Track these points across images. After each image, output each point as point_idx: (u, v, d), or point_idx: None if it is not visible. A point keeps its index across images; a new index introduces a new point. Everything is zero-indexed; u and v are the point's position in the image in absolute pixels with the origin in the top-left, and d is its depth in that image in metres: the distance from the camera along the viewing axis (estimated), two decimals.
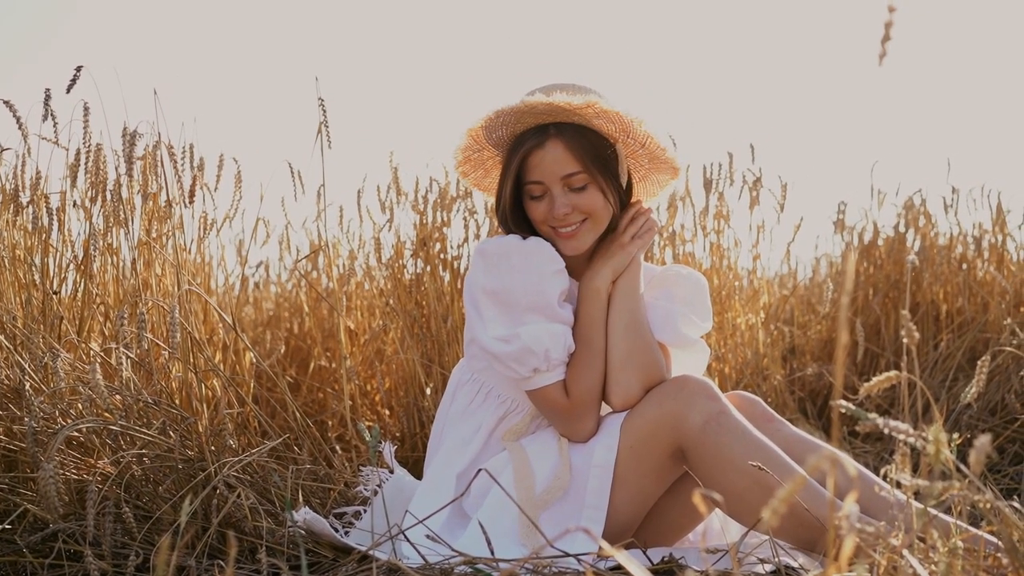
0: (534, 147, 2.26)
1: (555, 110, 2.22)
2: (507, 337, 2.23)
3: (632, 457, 2.19)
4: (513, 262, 2.24)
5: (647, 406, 2.21)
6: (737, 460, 2.09)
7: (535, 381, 2.26)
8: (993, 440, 3.39)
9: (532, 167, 2.27)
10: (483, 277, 2.26)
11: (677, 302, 2.41)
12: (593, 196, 2.28)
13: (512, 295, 2.23)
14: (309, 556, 2.22)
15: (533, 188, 2.28)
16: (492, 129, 2.31)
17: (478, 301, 2.27)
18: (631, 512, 2.22)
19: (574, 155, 2.25)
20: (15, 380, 2.32)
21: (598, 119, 2.25)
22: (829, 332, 4.39)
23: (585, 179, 2.26)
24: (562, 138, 2.25)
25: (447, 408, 2.46)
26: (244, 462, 2.29)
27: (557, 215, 2.26)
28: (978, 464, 1.20)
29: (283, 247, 4.37)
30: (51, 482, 1.95)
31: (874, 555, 1.58)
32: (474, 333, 2.27)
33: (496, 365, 2.27)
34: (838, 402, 1.32)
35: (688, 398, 2.15)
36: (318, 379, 3.88)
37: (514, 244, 2.26)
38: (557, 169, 2.25)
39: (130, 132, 2.54)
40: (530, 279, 2.23)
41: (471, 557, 1.95)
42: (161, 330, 2.69)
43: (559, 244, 2.31)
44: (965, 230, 4.43)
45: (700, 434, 2.12)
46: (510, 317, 2.24)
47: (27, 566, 2.12)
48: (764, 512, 1.09)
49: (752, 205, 3.80)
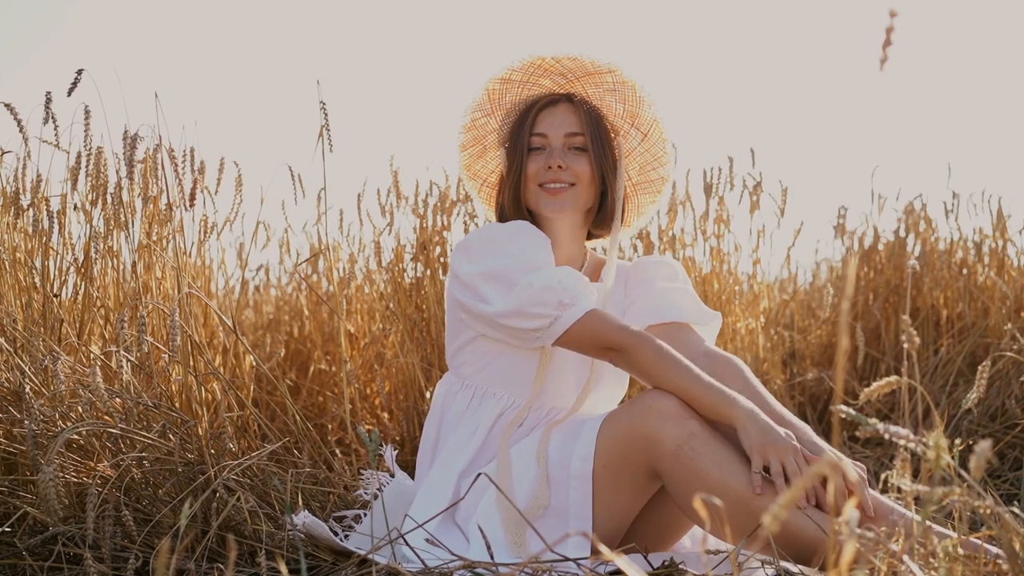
0: (547, 104, 2.43)
1: (579, 67, 2.42)
2: (518, 293, 2.22)
3: (607, 475, 2.14)
4: (499, 242, 2.31)
5: (618, 425, 2.14)
6: (715, 485, 2.03)
7: (568, 316, 2.20)
8: (993, 445, 3.39)
9: (540, 119, 2.42)
10: (472, 265, 2.29)
11: (673, 280, 2.49)
12: (586, 164, 2.40)
13: (507, 268, 2.26)
14: (308, 560, 2.21)
15: (536, 140, 2.41)
16: (509, 86, 2.46)
17: (475, 287, 2.27)
18: (611, 527, 2.19)
19: (580, 120, 2.41)
20: (15, 383, 2.32)
21: (613, 93, 2.44)
22: (829, 337, 4.39)
23: (584, 142, 2.40)
24: (573, 104, 2.43)
25: (438, 420, 2.45)
26: (244, 465, 2.29)
27: (553, 164, 2.37)
28: (978, 469, 1.20)
29: (283, 250, 4.38)
30: (51, 485, 1.95)
31: (874, 560, 1.57)
32: (483, 313, 2.26)
33: (520, 325, 2.22)
34: (838, 407, 1.32)
35: (657, 423, 2.08)
36: (318, 382, 3.88)
37: (495, 227, 2.35)
38: (563, 125, 2.40)
39: (131, 135, 2.55)
40: (521, 250, 2.28)
41: (470, 561, 1.94)
42: (161, 333, 2.69)
43: (543, 202, 2.39)
44: (966, 235, 4.43)
45: (673, 460, 2.06)
46: (512, 283, 2.24)
47: (27, 569, 2.12)
48: (764, 517, 1.09)
49: (752, 209, 3.80)
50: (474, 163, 2.58)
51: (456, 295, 2.33)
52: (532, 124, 2.41)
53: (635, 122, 2.49)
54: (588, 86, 2.45)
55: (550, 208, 2.39)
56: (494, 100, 2.49)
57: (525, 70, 2.44)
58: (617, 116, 2.48)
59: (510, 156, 2.43)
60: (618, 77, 2.43)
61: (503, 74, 2.46)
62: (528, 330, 2.23)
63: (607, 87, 2.44)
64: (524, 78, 2.45)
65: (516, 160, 2.41)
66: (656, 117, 2.48)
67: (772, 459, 2.00)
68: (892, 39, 1.06)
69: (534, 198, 2.41)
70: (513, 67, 2.45)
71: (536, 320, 2.21)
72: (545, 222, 2.44)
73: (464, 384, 2.42)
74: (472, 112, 2.51)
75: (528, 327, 2.22)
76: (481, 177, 2.60)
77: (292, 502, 2.44)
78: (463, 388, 2.42)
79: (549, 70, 2.44)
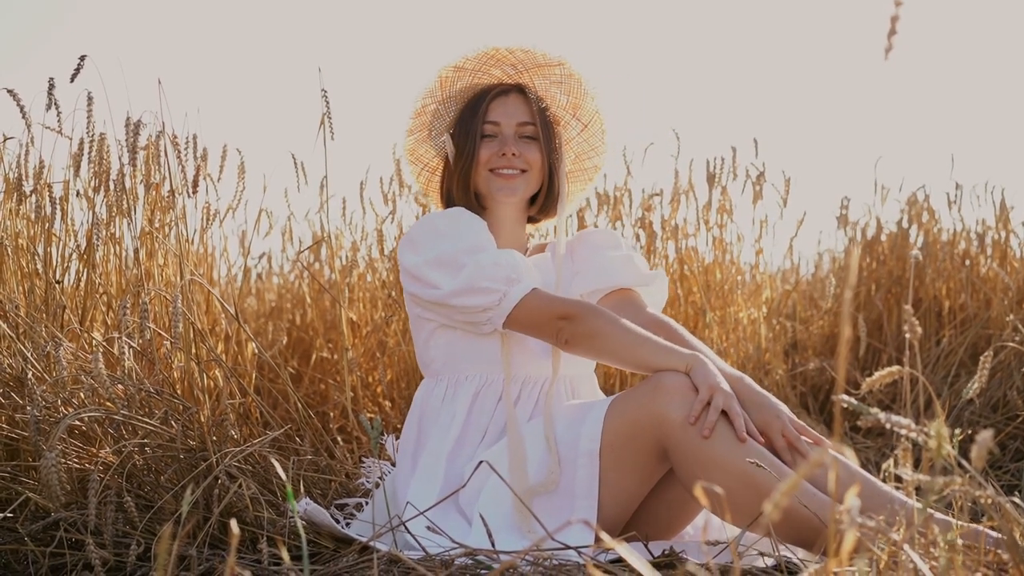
0: (499, 94, 2.52)
1: (530, 59, 2.51)
2: (467, 273, 2.30)
3: (614, 455, 2.17)
4: (441, 229, 2.39)
5: (627, 404, 2.18)
6: (720, 459, 2.07)
7: (516, 292, 2.29)
8: (995, 436, 3.39)
9: (492, 109, 2.51)
10: (419, 256, 2.37)
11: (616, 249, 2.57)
12: (537, 152, 2.50)
13: (452, 252, 2.34)
14: (310, 547, 2.22)
15: (489, 127, 2.50)
16: (461, 74, 2.54)
17: (424, 276, 2.35)
18: (617, 512, 2.20)
19: (531, 110, 2.51)
20: (18, 369, 2.32)
21: (559, 85, 2.54)
22: (831, 327, 4.38)
23: (535, 132, 2.50)
24: (523, 95, 2.53)
25: (417, 419, 2.48)
26: (246, 453, 2.29)
27: (508, 152, 2.46)
28: (980, 459, 1.20)
29: (286, 238, 4.37)
30: (53, 471, 1.95)
31: (875, 550, 1.58)
32: (434, 298, 2.34)
33: (471, 303, 2.30)
34: (840, 397, 1.32)
35: (664, 399, 2.13)
36: (320, 370, 3.88)
37: (435, 216, 2.43)
38: (516, 115, 2.50)
39: (133, 122, 2.54)
40: (461, 233, 2.37)
41: (472, 549, 1.95)
42: (163, 320, 2.69)
43: (496, 186, 2.48)
44: (968, 226, 4.42)
45: (682, 431, 2.10)
46: (459, 265, 2.33)
47: (28, 555, 2.12)
48: (765, 505, 1.09)
49: (755, 200, 3.80)
50: (418, 147, 2.65)
51: (408, 288, 2.41)
52: (485, 112, 2.50)
53: (576, 113, 2.60)
54: (536, 77, 2.55)
55: (504, 192, 2.48)
56: (445, 87, 2.56)
57: (478, 59, 2.53)
58: (560, 107, 2.58)
59: (461, 141, 2.51)
60: (566, 70, 2.54)
61: (457, 62, 2.53)
62: (479, 308, 2.30)
63: (554, 79, 2.55)
64: (476, 67, 2.54)
65: (469, 146, 2.49)
66: (598, 109, 2.60)
67: (716, 396, 2.11)
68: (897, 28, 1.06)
69: (485, 183, 2.49)
70: (468, 56, 2.52)
71: (486, 296, 2.29)
72: (492, 207, 2.53)
73: (438, 380, 2.47)
74: (423, 98, 2.57)
75: (479, 304, 2.30)
76: (423, 162, 2.67)
77: (294, 490, 2.45)
78: (437, 383, 2.47)
79: (501, 60, 2.52)
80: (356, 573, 1.97)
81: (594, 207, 3.81)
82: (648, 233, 3.74)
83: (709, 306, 3.64)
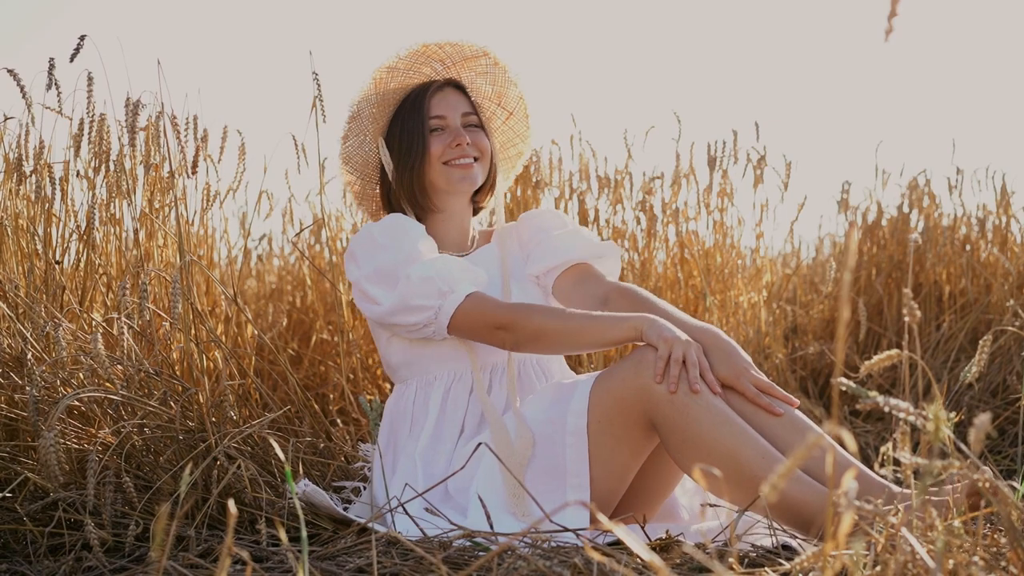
0: (436, 90, 2.55)
1: (457, 52, 2.56)
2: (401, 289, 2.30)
3: (602, 431, 2.18)
4: (378, 240, 2.39)
5: (612, 380, 2.19)
6: (706, 435, 2.08)
7: (449, 304, 2.30)
8: (994, 421, 3.39)
9: (435, 104, 2.53)
10: (360, 270, 2.39)
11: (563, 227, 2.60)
12: (485, 139, 2.56)
13: (390, 265, 2.34)
14: (309, 528, 2.22)
15: (435, 122, 2.52)
16: (393, 75, 2.54)
17: (365, 291, 2.37)
18: (609, 487, 2.21)
19: (469, 101, 2.58)
20: (17, 349, 2.32)
21: (484, 76, 2.61)
22: (831, 312, 4.38)
23: (478, 121, 2.57)
24: (457, 88, 2.58)
25: (388, 424, 2.51)
26: (244, 434, 2.30)
27: (461, 141, 2.49)
28: (978, 443, 1.20)
29: (286, 220, 4.36)
30: (52, 451, 1.95)
31: (872, 532, 1.58)
32: (375, 315, 2.37)
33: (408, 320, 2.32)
34: (839, 379, 1.32)
35: (650, 371, 2.13)
36: (320, 352, 3.88)
37: (372, 227, 2.43)
38: (459, 107, 2.55)
39: (133, 102, 2.54)
40: (398, 244, 2.37)
41: (469, 531, 1.95)
42: (163, 301, 2.69)
43: (455, 176, 2.50)
44: (969, 211, 4.42)
45: (669, 406, 2.11)
46: (396, 278, 2.33)
47: (27, 534, 2.13)
48: (763, 488, 1.09)
49: (756, 183, 3.79)
50: (354, 154, 2.62)
51: (356, 302, 2.44)
52: (428, 108, 2.52)
53: (501, 102, 2.67)
54: (463, 71, 2.60)
55: (465, 182, 2.51)
56: (379, 90, 2.56)
57: (409, 58, 2.54)
58: (485, 97, 2.64)
59: (407, 141, 2.50)
60: (490, 60, 2.61)
61: (389, 62, 2.55)
62: (419, 325, 2.33)
63: (479, 70, 2.61)
64: (407, 66, 2.55)
65: (417, 143, 2.49)
66: (521, 95, 2.67)
67: (675, 348, 2.12)
68: (897, 10, 1.05)
69: (442, 176, 2.51)
70: (400, 55, 2.54)
71: (420, 313, 2.31)
72: (443, 202, 2.55)
73: (407, 385, 2.49)
74: (358, 102, 2.56)
75: (416, 321, 2.32)
76: (359, 169, 2.64)
77: (293, 471, 2.45)
78: (407, 388, 2.49)
79: (431, 57, 2.56)
80: (355, 554, 1.98)
81: (595, 190, 3.81)
82: (649, 216, 3.74)
83: (709, 290, 3.63)
